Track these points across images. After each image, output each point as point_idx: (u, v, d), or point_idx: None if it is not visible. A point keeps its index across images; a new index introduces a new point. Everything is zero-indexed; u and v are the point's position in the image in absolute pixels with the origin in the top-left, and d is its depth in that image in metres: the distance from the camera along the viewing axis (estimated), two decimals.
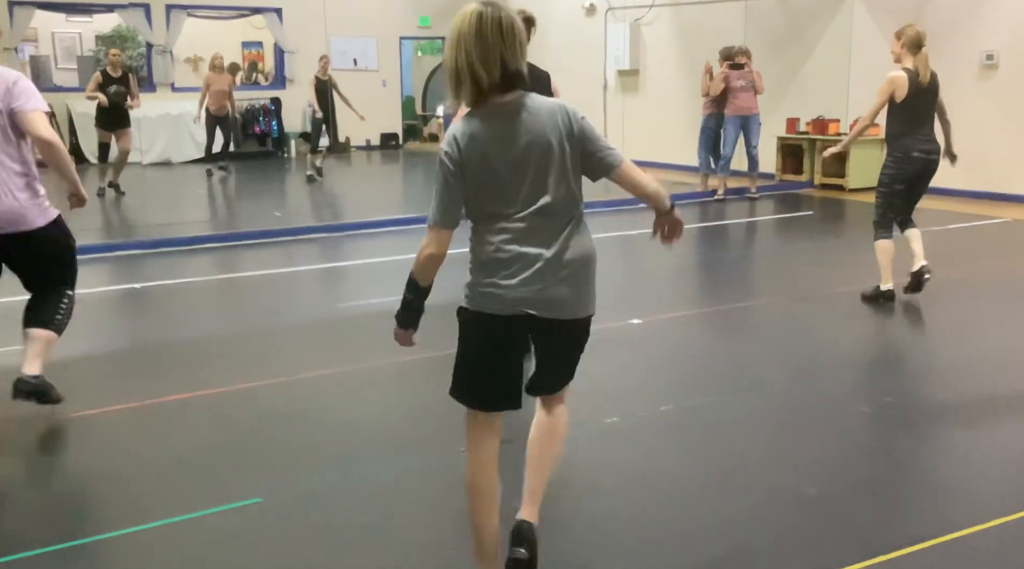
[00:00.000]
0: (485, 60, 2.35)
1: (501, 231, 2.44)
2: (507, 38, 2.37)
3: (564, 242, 2.44)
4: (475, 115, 2.41)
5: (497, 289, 2.44)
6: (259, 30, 17.37)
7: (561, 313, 2.47)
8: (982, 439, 3.85)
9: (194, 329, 5.88)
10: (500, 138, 2.39)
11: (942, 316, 5.88)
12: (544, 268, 2.42)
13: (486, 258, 2.46)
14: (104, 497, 3.52)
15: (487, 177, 2.40)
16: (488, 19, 2.36)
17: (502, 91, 2.39)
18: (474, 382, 2.56)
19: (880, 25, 11.30)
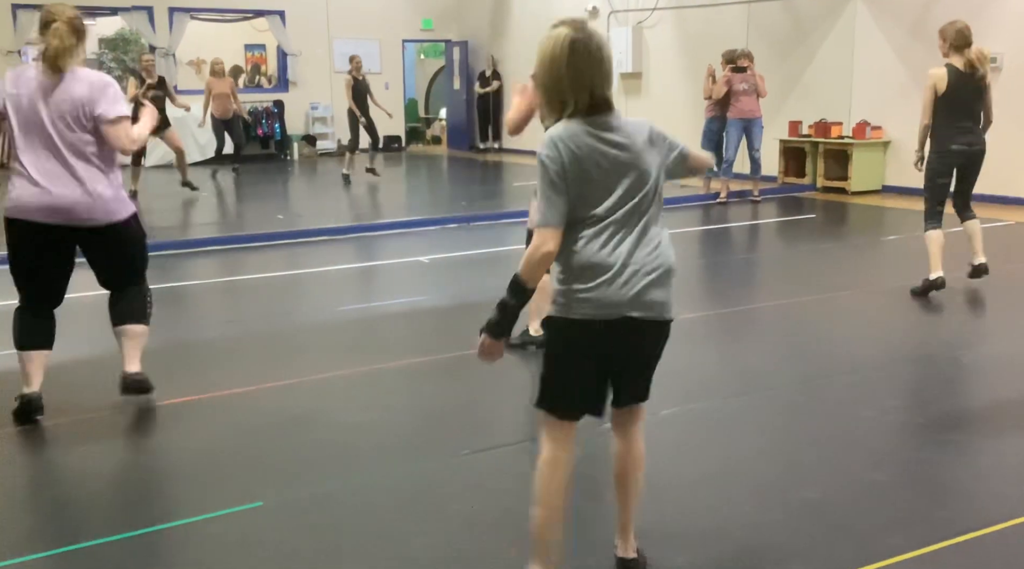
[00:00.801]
0: (575, 86, 2.48)
1: (598, 235, 2.50)
2: (597, 66, 2.50)
3: (656, 246, 2.55)
4: (574, 125, 2.49)
5: (596, 294, 2.49)
6: (262, 32, 17.40)
7: (659, 313, 2.56)
8: (987, 443, 3.84)
9: (197, 332, 5.87)
10: (599, 146, 2.48)
11: (948, 320, 5.86)
12: (640, 271, 2.51)
13: (584, 263, 2.49)
14: (105, 500, 3.52)
15: (586, 181, 2.48)
16: (580, 45, 2.48)
17: (595, 109, 2.51)
18: (572, 391, 2.60)
19: (883, 28, 11.29)
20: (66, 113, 3.88)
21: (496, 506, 3.29)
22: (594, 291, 2.48)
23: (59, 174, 3.88)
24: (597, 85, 2.49)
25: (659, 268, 2.54)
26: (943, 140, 6.02)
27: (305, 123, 17.13)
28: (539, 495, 2.60)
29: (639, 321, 2.52)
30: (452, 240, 8.84)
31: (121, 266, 4.17)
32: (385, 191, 12.66)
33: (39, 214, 3.89)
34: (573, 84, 2.47)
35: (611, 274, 2.48)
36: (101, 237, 4.00)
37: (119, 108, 3.98)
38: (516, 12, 16.91)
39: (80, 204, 3.89)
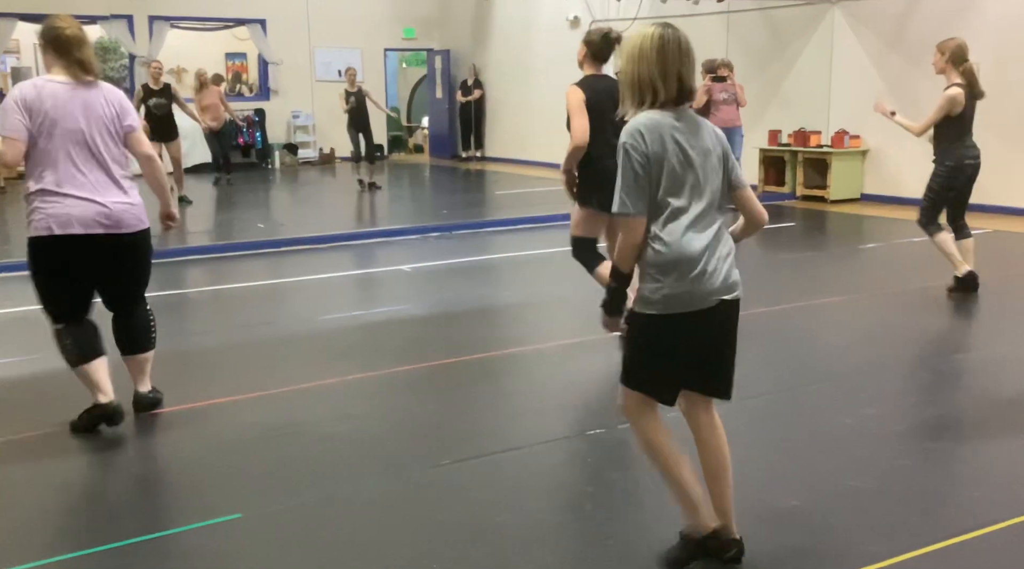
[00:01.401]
0: (665, 75, 2.62)
1: (682, 227, 2.60)
2: (684, 57, 2.64)
3: (722, 237, 2.70)
4: (656, 115, 2.62)
5: (689, 287, 2.60)
6: (243, 41, 17.35)
7: (740, 292, 2.72)
8: (965, 449, 3.87)
9: (175, 343, 5.83)
10: (679, 137, 2.61)
11: (926, 327, 5.91)
12: (719, 256, 2.65)
13: (674, 258, 2.59)
14: (82, 513, 3.48)
15: (671, 178, 2.59)
16: (669, 39, 2.63)
17: (676, 103, 2.65)
18: (660, 381, 2.74)
19: (860, 38, 11.40)
20: (106, 124, 3.95)
21: (478, 516, 3.28)
22: (687, 284, 2.60)
23: (106, 184, 3.95)
24: (686, 76, 2.63)
25: (731, 252, 2.71)
26: (960, 156, 6.20)
27: (287, 132, 17.09)
28: (669, 458, 2.75)
29: (728, 303, 2.68)
30: (434, 249, 8.83)
31: (139, 277, 4.23)
32: (367, 200, 12.63)
33: (93, 225, 3.90)
34: (663, 72, 2.60)
35: (702, 264, 2.60)
36: (134, 245, 4.07)
37: (136, 118, 4.18)
38: (498, 21, 16.96)
39: (128, 212, 4.00)
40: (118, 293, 4.18)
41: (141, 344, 4.26)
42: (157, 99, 11.10)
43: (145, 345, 4.28)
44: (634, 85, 2.65)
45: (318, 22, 16.77)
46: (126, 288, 4.19)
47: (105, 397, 4.03)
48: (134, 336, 4.23)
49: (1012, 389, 4.64)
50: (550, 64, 15.33)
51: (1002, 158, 10.07)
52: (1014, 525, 3.15)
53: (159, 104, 11.11)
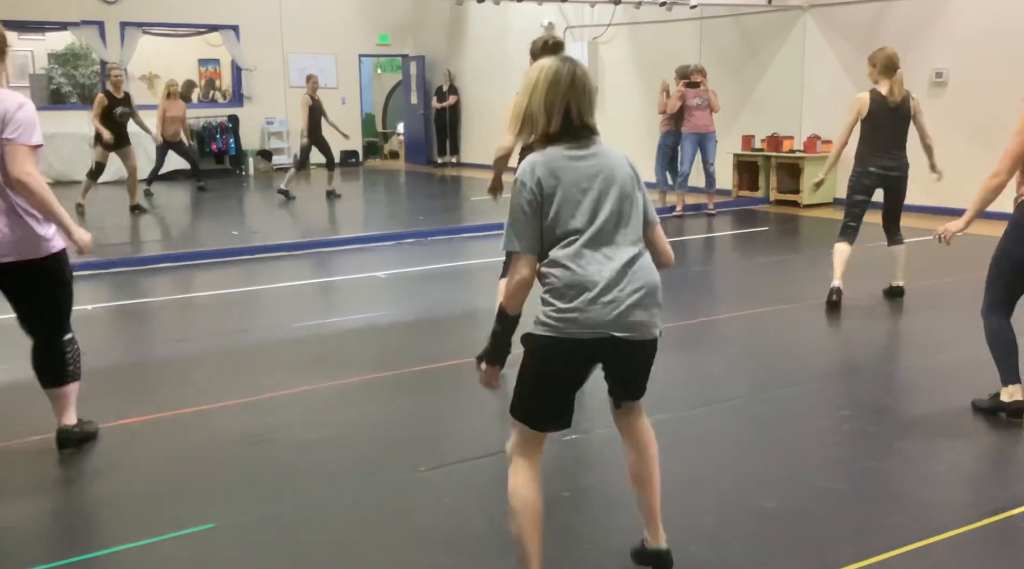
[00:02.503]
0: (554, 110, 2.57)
1: (579, 255, 2.52)
2: (579, 91, 2.60)
3: (636, 269, 2.57)
4: (552, 150, 2.57)
5: (580, 314, 2.51)
6: (215, 47, 17.24)
7: (642, 334, 2.59)
8: (940, 451, 3.90)
9: (149, 351, 5.78)
10: (578, 171, 2.55)
11: (901, 330, 5.97)
12: (624, 291, 2.54)
13: (570, 281, 2.52)
14: (54, 524, 3.43)
15: (567, 206, 2.53)
16: (566, 71, 2.60)
17: (575, 135, 2.59)
18: (546, 408, 2.64)
19: (832, 44, 11.52)
20: None
21: (454, 522, 3.27)
22: (579, 310, 2.51)
23: None
24: (583, 111, 2.59)
25: (643, 289, 2.57)
26: (863, 161, 6.23)
27: (260, 138, 16.99)
28: (522, 507, 2.61)
29: (621, 340, 2.55)
30: (409, 255, 8.81)
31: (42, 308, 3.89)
32: (342, 206, 12.58)
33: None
34: (550, 108, 2.57)
35: (596, 292, 2.51)
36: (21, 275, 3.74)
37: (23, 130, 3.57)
38: (472, 27, 16.97)
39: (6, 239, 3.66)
40: (25, 321, 3.87)
41: (52, 377, 3.91)
42: (122, 108, 10.98)
43: (57, 379, 3.91)
44: (523, 117, 2.63)
45: (292, 28, 16.69)
46: (29, 318, 3.86)
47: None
48: (44, 368, 3.91)
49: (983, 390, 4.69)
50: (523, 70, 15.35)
51: (970, 162, 10.18)
52: (987, 525, 3.18)
53: (124, 113, 10.98)
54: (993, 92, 9.95)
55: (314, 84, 12.53)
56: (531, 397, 2.63)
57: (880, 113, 6.10)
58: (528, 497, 2.61)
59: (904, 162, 6.29)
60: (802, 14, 11.77)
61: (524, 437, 2.64)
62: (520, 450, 2.65)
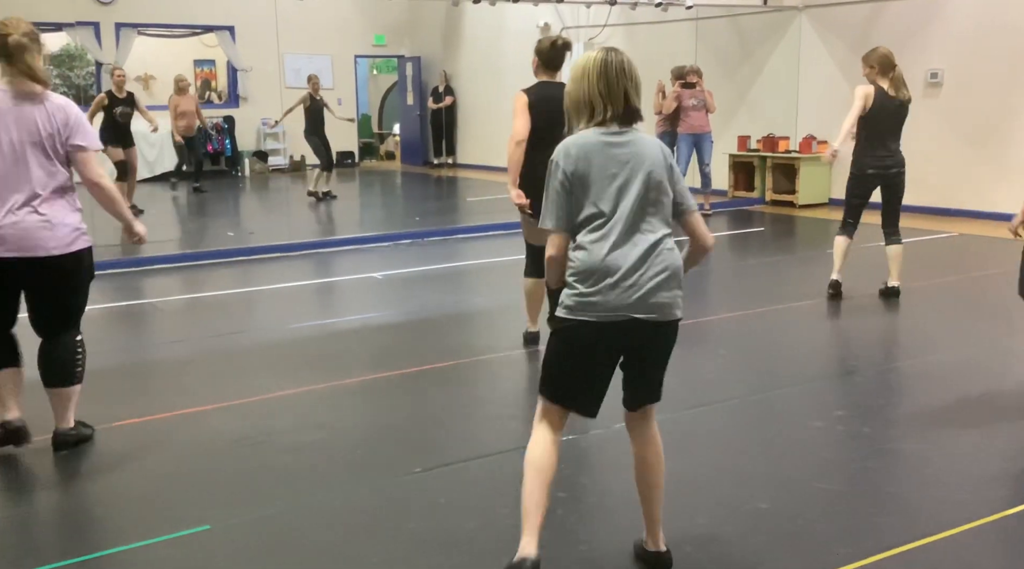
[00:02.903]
0: (609, 95, 2.70)
1: (605, 238, 2.63)
2: (624, 78, 2.72)
3: (659, 253, 2.66)
4: (589, 133, 2.70)
5: (603, 297, 2.62)
6: (211, 48, 17.23)
7: (664, 315, 2.68)
8: (933, 451, 3.91)
9: (144, 352, 5.77)
10: (609, 153, 2.67)
11: (896, 330, 5.98)
12: (646, 274, 2.63)
13: (592, 266, 2.63)
14: (48, 526, 3.43)
15: (595, 190, 2.64)
16: (611, 62, 2.72)
17: (618, 121, 2.71)
18: (571, 386, 2.75)
19: (827, 44, 11.54)
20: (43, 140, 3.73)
21: (450, 523, 3.27)
22: (600, 294, 2.61)
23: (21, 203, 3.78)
24: (632, 95, 2.72)
25: (665, 270, 2.65)
26: (861, 164, 6.23)
27: (256, 139, 16.99)
28: (534, 470, 2.70)
29: (644, 322, 2.64)
30: (406, 256, 8.81)
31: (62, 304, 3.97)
32: (338, 207, 12.57)
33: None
34: (606, 92, 2.69)
35: (618, 277, 2.61)
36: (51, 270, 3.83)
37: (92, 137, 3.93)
38: (468, 28, 16.98)
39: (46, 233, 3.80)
40: (40, 318, 3.88)
41: (60, 377, 3.90)
42: (123, 107, 10.92)
43: (65, 378, 3.91)
44: (575, 104, 2.75)
45: (287, 29, 16.69)
46: (45, 314, 3.87)
47: (10, 414, 3.86)
48: (52, 367, 3.89)
49: (977, 390, 4.70)
50: (521, 71, 15.34)
51: (966, 163, 10.23)
52: (980, 526, 3.19)
53: (124, 113, 10.92)
54: (988, 93, 9.98)
55: (315, 84, 12.55)
56: (555, 375, 2.75)
57: (882, 110, 6.10)
58: (543, 462, 2.71)
59: (900, 158, 6.31)
60: (797, 15, 11.79)
61: (546, 409, 2.77)
62: (542, 420, 2.78)
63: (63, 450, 3.95)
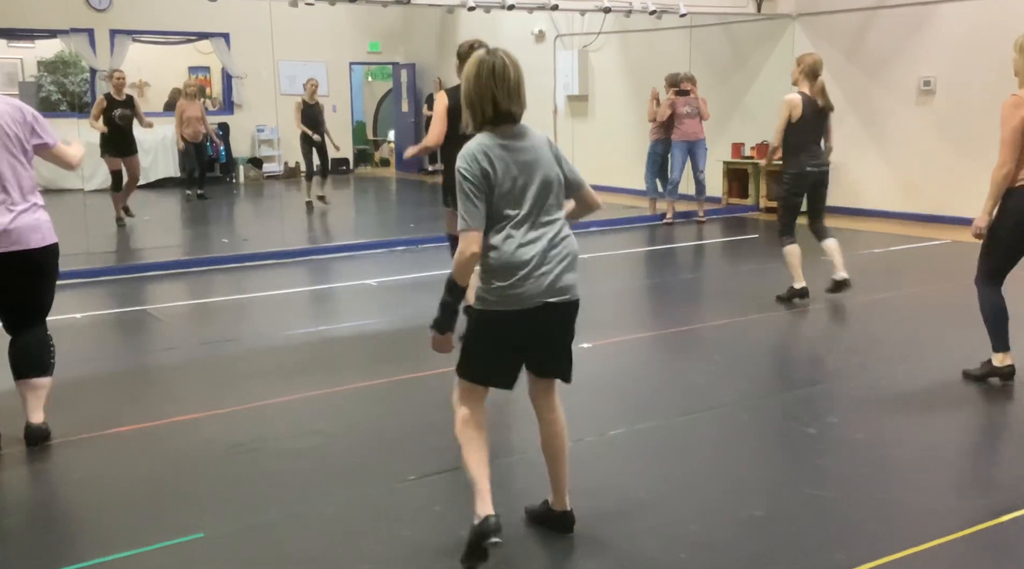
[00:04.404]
0: (495, 95, 2.88)
1: (515, 235, 2.88)
2: (499, 81, 2.87)
3: (560, 241, 2.94)
4: (487, 138, 2.89)
5: (517, 289, 2.87)
6: (206, 55, 17.23)
7: (571, 295, 2.97)
8: (926, 458, 3.92)
9: (138, 359, 5.76)
10: (506, 154, 2.88)
11: (887, 337, 5.99)
12: (553, 261, 2.91)
13: (504, 262, 2.87)
14: (39, 534, 3.42)
15: (500, 193, 2.86)
16: (496, 64, 2.89)
17: (508, 121, 2.91)
18: (488, 369, 3.02)
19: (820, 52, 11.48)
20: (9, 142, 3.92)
21: (443, 531, 3.27)
22: (515, 287, 2.87)
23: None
24: (500, 100, 2.87)
25: (568, 256, 2.95)
26: (799, 162, 6.52)
27: (251, 146, 16.98)
28: (471, 446, 2.97)
29: (554, 305, 2.92)
30: (401, 263, 8.81)
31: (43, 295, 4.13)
32: (333, 214, 12.57)
33: None
34: (482, 98, 2.88)
35: (529, 269, 2.86)
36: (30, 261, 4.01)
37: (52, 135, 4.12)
38: (463, 35, 16.98)
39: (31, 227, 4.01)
40: (16, 312, 4.03)
41: (37, 368, 4.04)
42: (122, 110, 10.73)
43: (40, 369, 4.05)
44: (468, 103, 2.93)
45: (282, 35, 16.64)
46: (22, 308, 4.03)
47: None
48: (27, 360, 4.03)
49: (970, 398, 4.72)
50: None
51: (959, 170, 10.26)
52: (974, 532, 3.20)
53: (123, 115, 10.72)
54: (980, 100, 10.01)
55: (309, 89, 12.53)
56: (476, 360, 3.00)
57: (809, 114, 6.43)
58: (477, 436, 2.98)
59: (827, 159, 6.69)
60: (790, 22, 11.83)
61: (468, 390, 3.03)
62: (465, 401, 3.02)
63: (36, 445, 4.02)
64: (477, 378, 3.01)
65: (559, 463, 3.13)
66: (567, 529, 3.17)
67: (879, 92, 10.92)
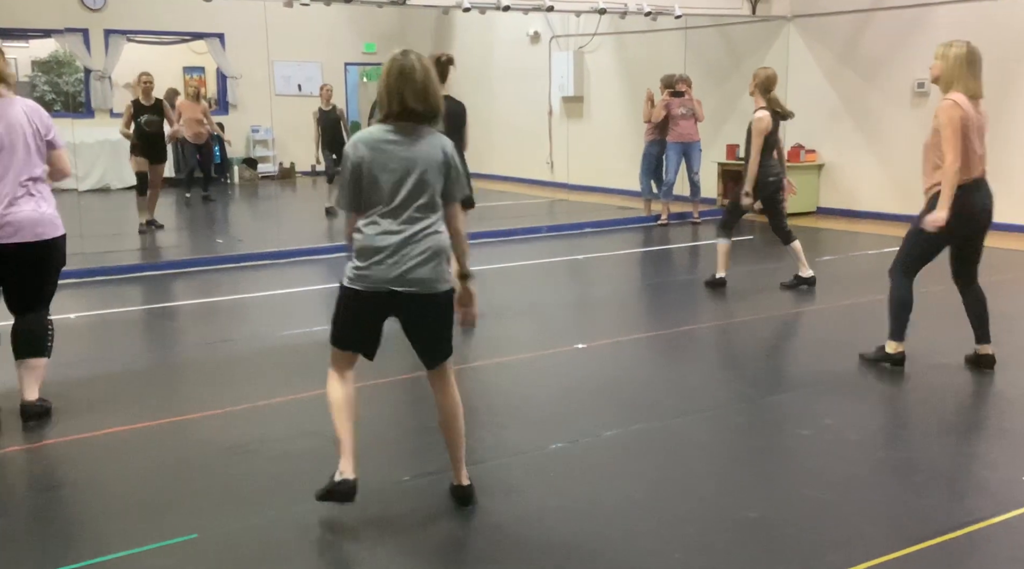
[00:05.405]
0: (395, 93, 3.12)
1: (381, 223, 3.11)
2: (407, 80, 3.11)
3: (424, 237, 3.14)
4: (377, 130, 3.15)
5: (370, 272, 3.13)
6: (201, 55, 17.20)
7: (422, 289, 3.16)
8: (919, 458, 3.93)
9: (133, 360, 5.75)
10: (389, 148, 3.11)
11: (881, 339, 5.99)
12: (408, 254, 3.12)
13: (364, 245, 3.12)
14: (34, 534, 3.41)
15: (374, 182, 3.10)
16: (405, 64, 3.12)
17: (402, 119, 3.13)
18: (348, 336, 3.34)
19: (815, 54, 11.60)
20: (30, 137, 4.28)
21: (437, 532, 3.27)
22: (366, 269, 3.13)
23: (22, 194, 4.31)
24: (407, 97, 3.09)
25: (426, 252, 3.13)
26: (763, 173, 7.09)
27: (246, 146, 16.96)
28: (334, 406, 3.30)
29: (403, 295, 3.14)
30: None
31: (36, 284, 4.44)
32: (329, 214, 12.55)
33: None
34: (389, 93, 3.12)
35: (381, 257, 3.10)
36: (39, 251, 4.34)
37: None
38: (458, 36, 17.00)
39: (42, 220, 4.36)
40: (22, 297, 4.36)
41: (35, 349, 4.39)
42: (149, 115, 10.44)
43: (38, 351, 4.41)
44: (378, 98, 3.18)
45: (277, 36, 16.61)
46: (28, 294, 4.37)
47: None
48: (27, 342, 4.37)
49: (962, 398, 4.73)
50: (510, 79, 15.40)
51: None
52: (970, 533, 3.21)
53: (151, 121, 10.43)
54: None
55: (324, 94, 12.44)
56: (338, 329, 3.32)
57: (775, 129, 7.09)
58: (344, 399, 3.31)
59: (782, 169, 7.35)
60: (785, 24, 11.86)
61: (336, 355, 3.35)
62: (334, 365, 3.36)
63: (32, 420, 4.32)
64: (338, 343, 3.32)
65: (455, 442, 3.37)
66: (465, 502, 3.40)
67: (873, 94, 10.95)
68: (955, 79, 4.85)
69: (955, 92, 4.80)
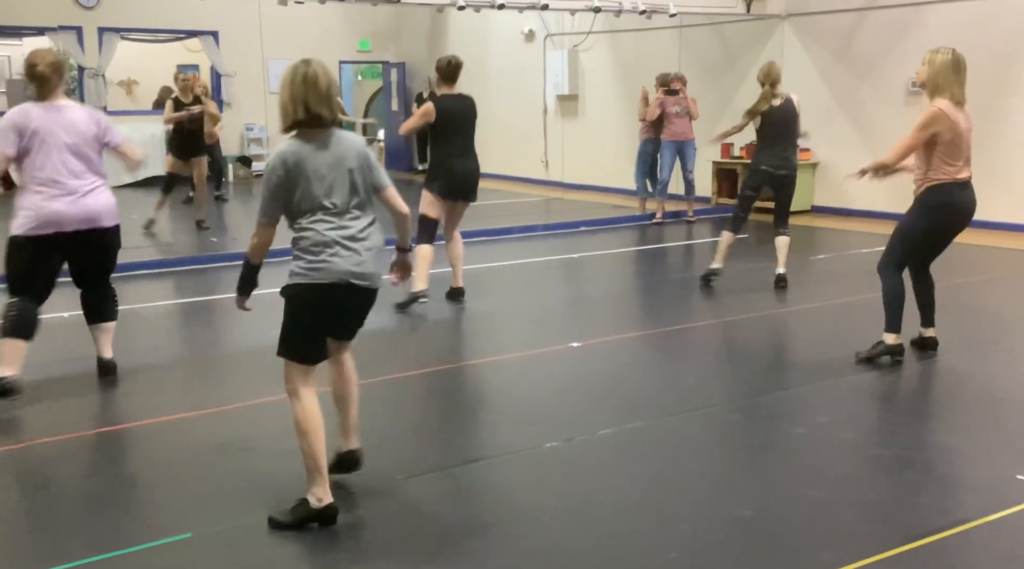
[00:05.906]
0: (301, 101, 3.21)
1: (329, 220, 3.22)
2: (310, 87, 3.20)
3: (368, 234, 3.29)
4: (296, 143, 3.24)
5: (327, 264, 3.20)
6: (195, 53, 17.17)
7: (371, 283, 3.31)
8: (915, 457, 3.94)
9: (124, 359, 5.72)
10: (311, 155, 3.22)
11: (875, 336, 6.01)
12: (358, 249, 3.24)
13: (315, 242, 3.21)
14: (27, 533, 3.40)
15: (309, 188, 3.20)
16: (307, 74, 3.21)
17: (307, 125, 3.23)
18: (309, 343, 3.32)
19: (810, 52, 11.61)
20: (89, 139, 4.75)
21: (433, 531, 3.27)
22: (323, 261, 3.19)
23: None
24: (312, 104, 3.19)
25: (373, 248, 3.30)
26: (758, 161, 7.09)
27: (240, 144, 16.92)
28: (312, 431, 3.23)
29: (357, 287, 3.25)
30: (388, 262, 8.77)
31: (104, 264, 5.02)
32: None
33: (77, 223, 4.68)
34: (294, 102, 3.20)
35: (336, 248, 3.20)
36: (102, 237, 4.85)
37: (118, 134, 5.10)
38: (453, 34, 16.99)
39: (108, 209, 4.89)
40: (83, 276, 4.95)
41: (106, 315, 5.02)
42: (193, 114, 10.45)
43: (109, 316, 5.04)
44: (281, 106, 3.25)
45: (271, 33, 16.63)
46: (90, 272, 4.94)
47: (9, 371, 4.46)
48: (99, 309, 4.99)
49: (958, 396, 4.74)
50: (505, 77, 15.38)
51: None
52: (966, 530, 3.21)
53: (194, 118, 10.46)
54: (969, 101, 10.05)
55: None
56: (296, 337, 3.30)
57: (773, 117, 7.05)
58: (317, 421, 3.25)
59: (793, 162, 7.21)
60: (780, 23, 11.86)
61: (298, 372, 3.30)
62: (298, 384, 3.29)
63: (110, 375, 4.94)
64: (301, 356, 3.29)
65: (349, 407, 3.53)
66: (354, 466, 3.56)
67: (868, 93, 10.97)
68: (941, 85, 4.98)
69: (940, 98, 4.94)
